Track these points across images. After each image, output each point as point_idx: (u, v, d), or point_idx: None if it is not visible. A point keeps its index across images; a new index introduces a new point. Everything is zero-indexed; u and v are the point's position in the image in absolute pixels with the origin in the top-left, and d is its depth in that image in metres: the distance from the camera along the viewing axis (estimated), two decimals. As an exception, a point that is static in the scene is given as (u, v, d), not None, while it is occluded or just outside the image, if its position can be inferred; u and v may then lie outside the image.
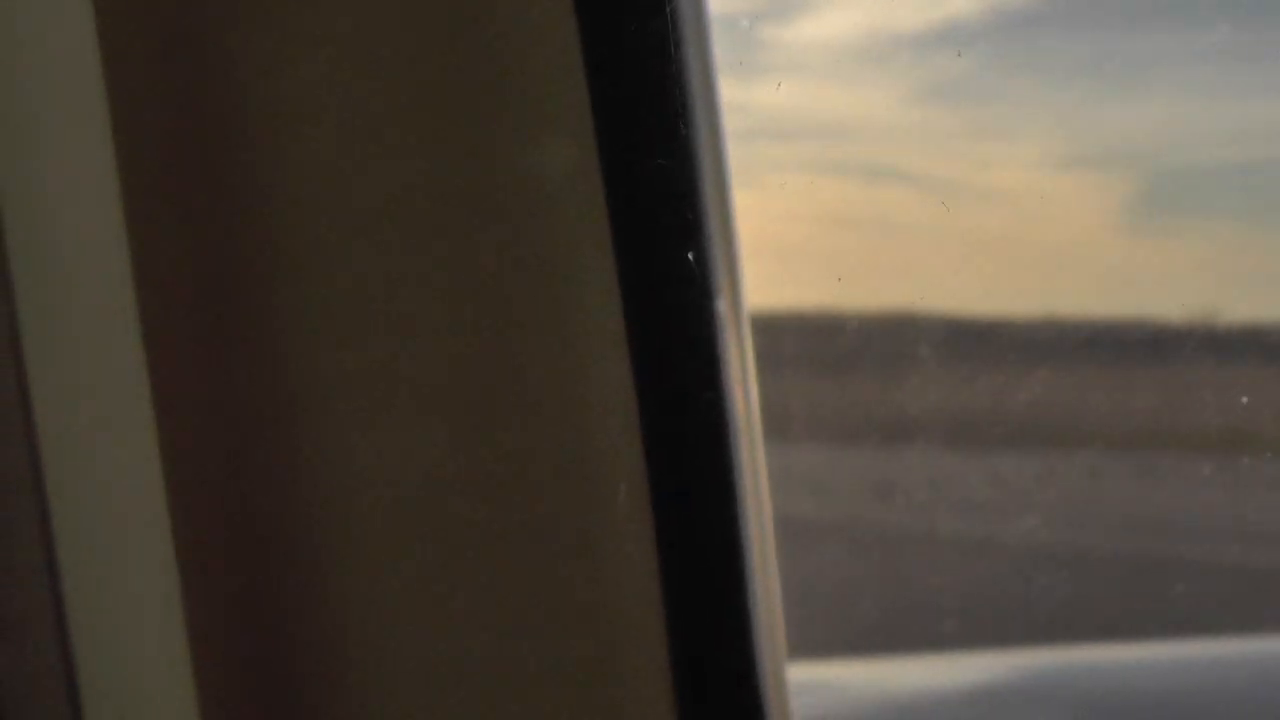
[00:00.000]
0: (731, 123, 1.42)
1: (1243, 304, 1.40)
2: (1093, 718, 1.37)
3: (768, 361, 1.30)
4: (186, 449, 0.78)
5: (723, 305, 0.82)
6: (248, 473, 0.78)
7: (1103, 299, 1.38)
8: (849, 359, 1.26)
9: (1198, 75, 1.42)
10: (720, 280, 0.82)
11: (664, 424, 0.80)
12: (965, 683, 1.46)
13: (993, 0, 1.49)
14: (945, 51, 1.50)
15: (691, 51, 0.81)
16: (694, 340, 0.82)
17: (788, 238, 1.31)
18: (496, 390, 0.76)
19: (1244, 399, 1.19)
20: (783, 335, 1.24)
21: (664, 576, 0.80)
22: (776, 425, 1.39)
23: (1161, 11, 1.35)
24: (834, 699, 1.51)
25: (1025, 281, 1.43)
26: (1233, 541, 1.21)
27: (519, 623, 0.79)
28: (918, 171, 1.54)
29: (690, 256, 0.80)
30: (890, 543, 1.26)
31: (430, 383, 0.76)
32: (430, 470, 0.77)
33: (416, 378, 0.76)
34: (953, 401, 1.20)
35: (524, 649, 0.79)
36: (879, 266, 1.37)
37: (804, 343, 1.26)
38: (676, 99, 0.80)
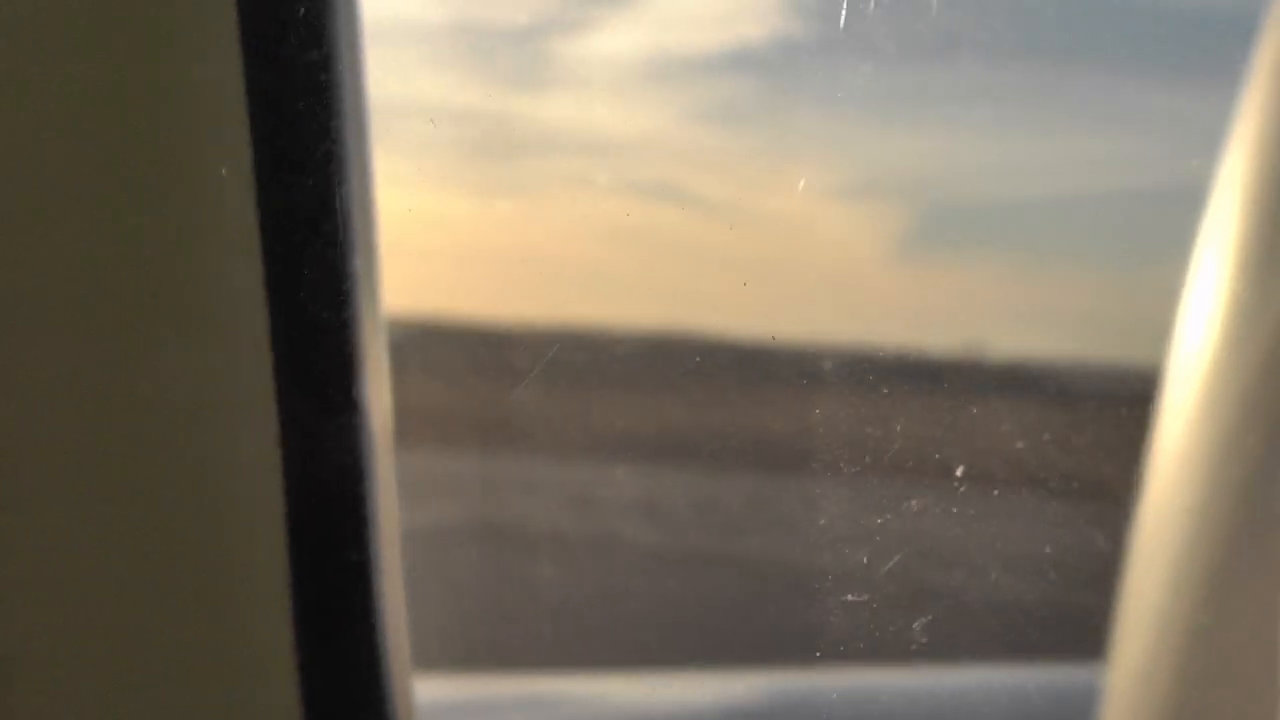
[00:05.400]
0: (512, 137, 1.40)
1: (1010, 337, 1.42)
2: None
3: (521, 376, 1.29)
4: None
5: (362, 315, 0.82)
6: None
7: (871, 328, 1.39)
8: (613, 375, 1.26)
9: (974, 111, 1.44)
10: (360, 290, 0.81)
11: (300, 431, 0.80)
12: (711, 701, 1.47)
13: (779, 27, 1.49)
14: (730, 74, 1.51)
15: (345, 65, 0.80)
16: (333, 349, 0.82)
17: (561, 253, 1.30)
18: (136, 390, 0.75)
19: (1002, 430, 1.20)
20: (544, 350, 1.23)
21: (294, 581, 0.79)
22: (523, 437, 1.37)
23: (944, 47, 1.36)
24: (584, 714, 1.50)
25: (796, 307, 1.43)
26: (984, 572, 1.22)
27: (145, 624, 0.77)
28: (696, 192, 1.53)
29: (334, 265, 0.80)
30: (647, 559, 1.25)
31: (67, 380, 0.74)
32: (61, 468, 0.75)
33: (53, 375, 0.74)
34: (714, 421, 1.20)
35: (150, 653, 0.77)
36: (651, 285, 1.36)
37: (569, 357, 1.26)
38: (329, 113, 0.79)
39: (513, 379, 1.34)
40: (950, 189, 1.53)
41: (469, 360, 1.51)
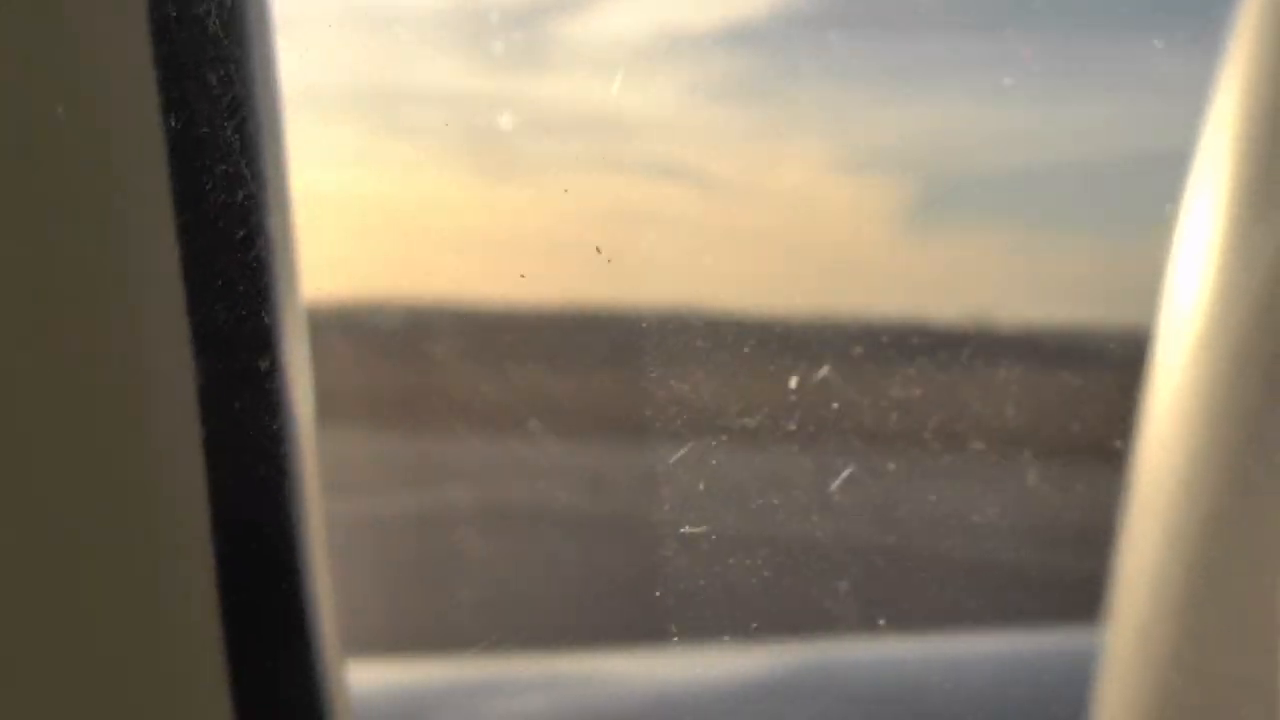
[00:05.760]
0: (512, 118, 1.40)
1: (1017, 306, 1.42)
2: (857, 711, 1.39)
3: (519, 359, 1.29)
4: None
5: (283, 305, 0.82)
6: None
7: (879, 300, 1.39)
8: (616, 355, 1.26)
9: (979, 80, 1.44)
10: (279, 274, 0.81)
11: (222, 418, 0.80)
12: (730, 675, 1.47)
13: (781, 2, 1.49)
14: (731, 51, 1.51)
15: (254, 46, 0.80)
16: (254, 333, 0.82)
17: (565, 233, 1.30)
18: (51, 381, 0.75)
19: (1010, 399, 1.21)
20: (542, 331, 1.24)
21: (220, 570, 0.79)
22: (520, 420, 1.38)
23: (945, 17, 1.37)
24: (596, 692, 1.51)
25: (803, 281, 1.43)
26: (990, 539, 1.22)
27: (64, 617, 0.77)
28: (700, 170, 1.54)
29: (252, 256, 0.80)
30: (643, 536, 1.26)
31: None
32: None
33: None
34: (714, 397, 1.20)
35: (70, 645, 0.77)
36: (655, 263, 1.37)
37: (568, 339, 1.26)
38: (238, 95, 0.79)
39: (519, 362, 1.34)
40: (953, 160, 1.53)
41: (475, 344, 1.52)
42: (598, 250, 1.17)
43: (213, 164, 0.78)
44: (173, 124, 0.76)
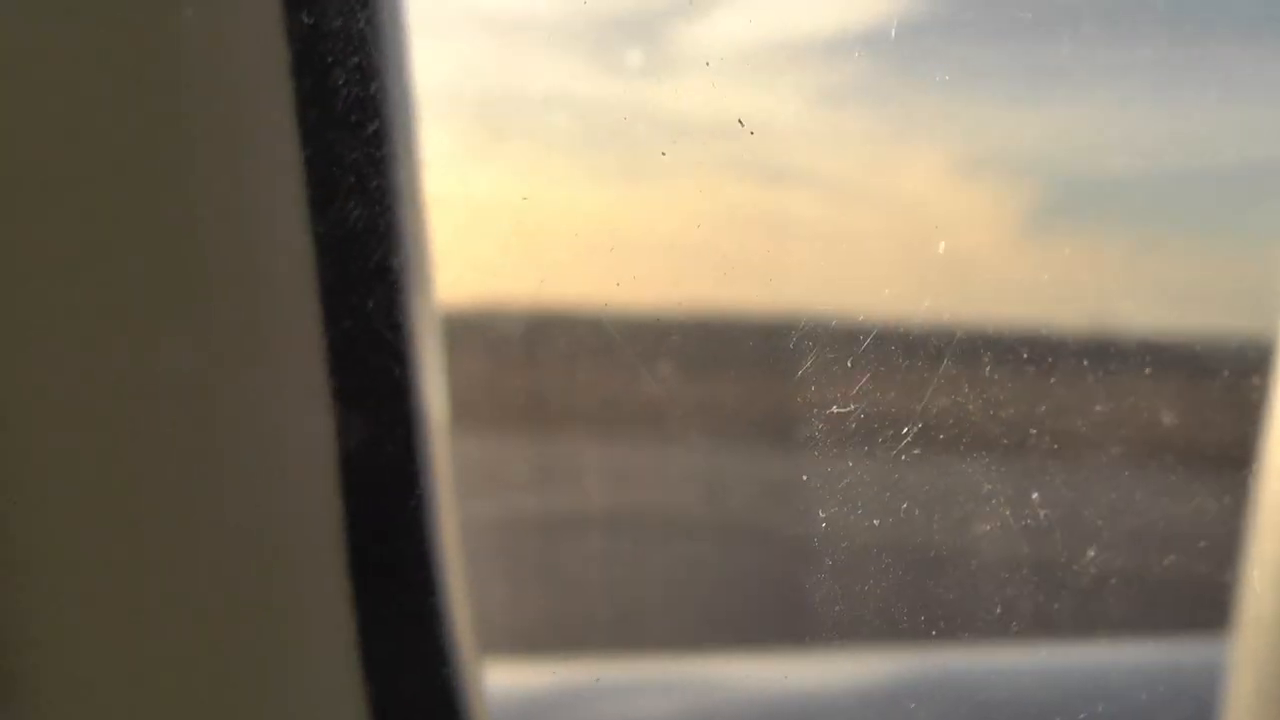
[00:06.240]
0: (637, 123, 1.41)
1: (1140, 313, 1.42)
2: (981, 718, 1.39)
3: (650, 363, 1.30)
4: None
5: (414, 309, 0.82)
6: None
7: (1000, 305, 1.39)
8: (739, 357, 1.27)
9: (1101, 85, 1.43)
10: (411, 285, 0.82)
11: (355, 423, 0.80)
12: (857, 681, 1.48)
13: (899, 5, 1.49)
14: (853, 55, 1.51)
15: (390, 60, 0.81)
16: (386, 342, 0.82)
17: (689, 238, 1.31)
18: (189, 387, 0.75)
19: (1125, 405, 1.20)
20: (669, 334, 1.24)
21: (353, 576, 0.79)
22: (654, 422, 1.38)
23: (1063, 21, 1.37)
24: (723, 696, 1.52)
25: (924, 286, 1.44)
26: (1118, 548, 1.22)
27: (204, 628, 0.78)
28: (821, 174, 1.54)
29: (386, 261, 0.81)
30: (778, 543, 1.26)
31: (119, 379, 0.75)
32: (118, 464, 0.75)
33: (101, 374, 0.75)
34: (854, 402, 1.21)
35: (210, 657, 0.78)
36: (777, 267, 1.37)
37: (694, 341, 1.27)
38: (374, 107, 0.80)
39: (650, 366, 1.35)
40: (1075, 164, 1.53)
41: (604, 348, 1.52)
42: (724, 256, 1.18)
43: (347, 170, 0.79)
44: (308, 130, 0.77)
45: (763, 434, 1.25)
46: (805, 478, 1.14)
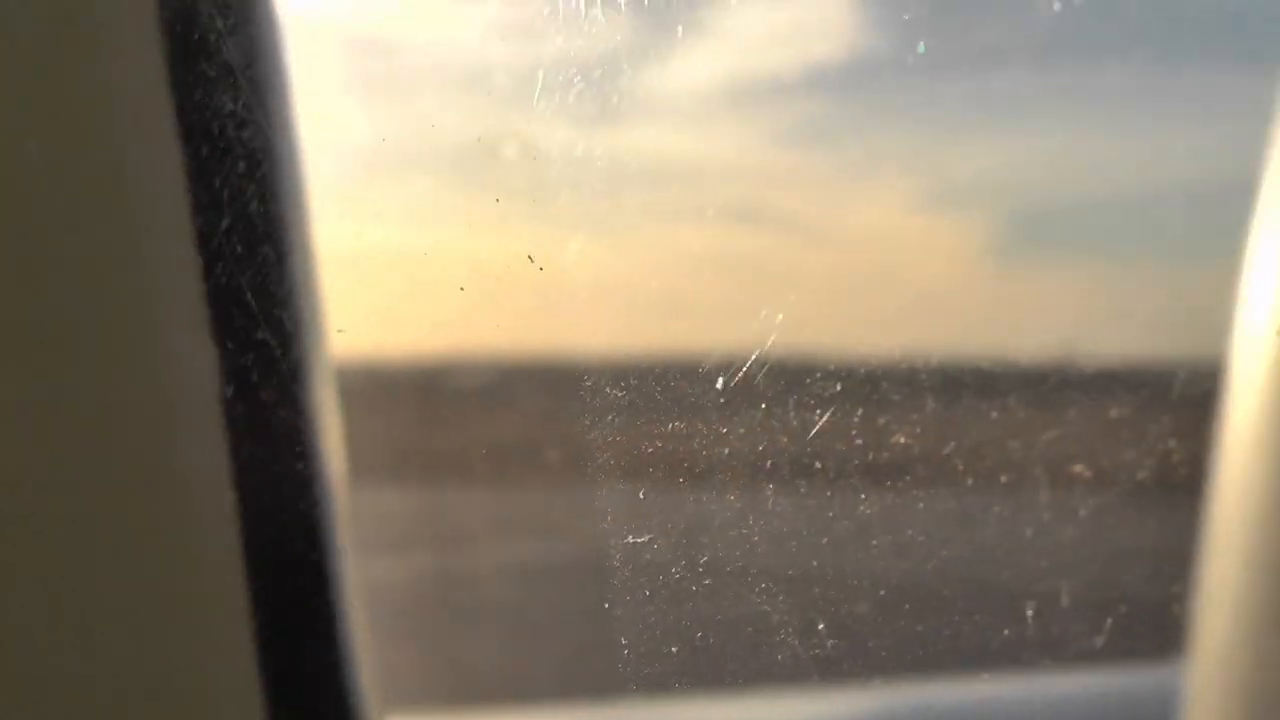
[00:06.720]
0: (593, 171, 1.41)
1: (1099, 340, 1.42)
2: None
3: (607, 408, 1.30)
4: None
5: (310, 358, 0.82)
6: None
7: (964, 337, 1.39)
8: (710, 403, 1.27)
9: (1055, 115, 1.44)
10: (305, 334, 0.81)
11: (254, 480, 0.79)
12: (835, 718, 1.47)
13: (852, 42, 1.50)
14: (809, 94, 1.51)
15: (274, 114, 0.81)
16: (283, 395, 0.82)
17: (651, 282, 1.31)
18: (82, 433, 0.75)
19: (1082, 432, 1.20)
20: (627, 380, 1.24)
21: (255, 630, 0.78)
22: (594, 467, 1.38)
23: (1017, 52, 1.37)
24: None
25: (887, 321, 1.43)
26: (1074, 575, 1.22)
27: (103, 673, 0.77)
28: (783, 214, 1.54)
29: (277, 309, 0.80)
30: (709, 581, 1.26)
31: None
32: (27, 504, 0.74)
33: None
34: (816, 440, 1.20)
35: (110, 700, 0.77)
36: (743, 309, 1.37)
37: (649, 387, 1.26)
38: (261, 157, 0.80)
39: (604, 411, 1.35)
40: (1032, 195, 1.53)
41: (559, 395, 1.52)
42: (673, 298, 1.18)
43: (235, 220, 0.79)
44: (196, 185, 0.77)
45: (715, 476, 1.24)
46: (761, 517, 1.13)
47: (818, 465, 1.21)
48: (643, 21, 1.41)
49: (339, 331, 0.92)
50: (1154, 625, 1.26)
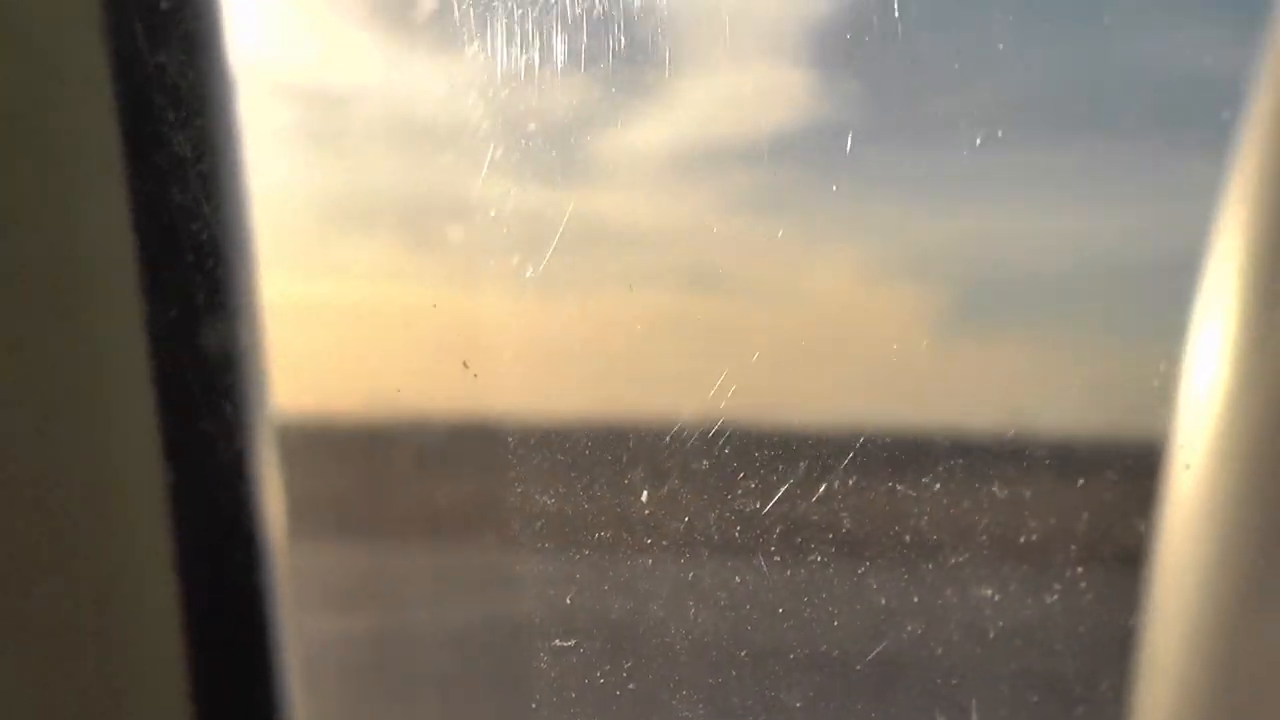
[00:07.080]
0: (547, 233, 1.42)
1: (1053, 413, 1.42)
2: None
3: (556, 471, 1.30)
4: None
5: (251, 415, 0.82)
6: None
7: (912, 408, 1.39)
8: (663, 467, 1.27)
9: (1006, 187, 1.45)
10: (249, 382, 0.81)
11: (194, 537, 0.79)
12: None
13: (807, 111, 1.51)
14: (763, 161, 1.52)
15: (222, 161, 0.81)
16: (225, 453, 0.81)
17: (605, 347, 1.31)
18: (21, 483, 0.74)
19: (1029, 506, 1.20)
20: (584, 444, 1.24)
21: (193, 689, 0.78)
22: (530, 530, 1.38)
23: (971, 127, 1.38)
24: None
25: (837, 390, 1.44)
26: (1017, 649, 1.22)
27: None
28: (735, 281, 1.55)
29: (220, 363, 0.80)
30: (696, 652, 1.26)
31: None
32: None
33: None
34: (761, 510, 1.20)
35: None
36: (693, 375, 1.37)
37: (612, 450, 1.27)
38: (207, 213, 0.80)
39: (556, 476, 1.35)
40: (982, 268, 1.54)
41: (510, 458, 1.52)
42: (621, 363, 1.18)
43: (182, 272, 0.79)
44: (144, 237, 0.77)
45: (686, 542, 1.25)
46: (720, 585, 1.13)
47: (763, 536, 1.21)
48: (599, 86, 1.42)
49: (285, 390, 0.92)
50: (1094, 701, 1.26)
